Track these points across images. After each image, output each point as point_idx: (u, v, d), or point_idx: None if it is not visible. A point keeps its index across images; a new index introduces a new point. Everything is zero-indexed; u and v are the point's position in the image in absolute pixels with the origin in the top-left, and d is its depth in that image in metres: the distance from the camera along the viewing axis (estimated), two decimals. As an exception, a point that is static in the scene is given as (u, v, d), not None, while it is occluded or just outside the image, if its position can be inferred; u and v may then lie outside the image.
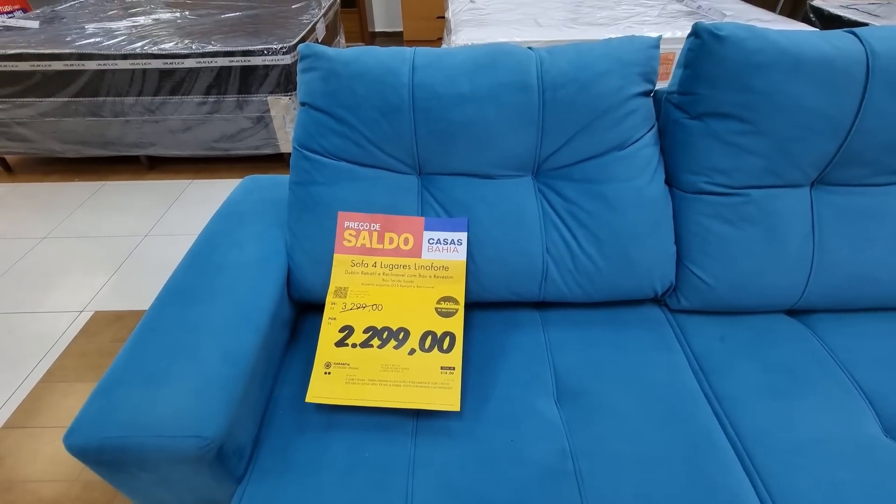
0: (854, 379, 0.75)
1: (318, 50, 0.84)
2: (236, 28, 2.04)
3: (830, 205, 0.81)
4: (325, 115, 0.83)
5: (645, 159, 0.82)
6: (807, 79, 0.71)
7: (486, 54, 0.82)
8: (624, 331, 0.83)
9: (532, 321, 0.86)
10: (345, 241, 0.82)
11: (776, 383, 0.74)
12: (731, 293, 0.82)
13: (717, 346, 0.81)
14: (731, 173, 0.78)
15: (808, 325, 0.85)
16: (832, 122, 0.73)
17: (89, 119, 1.95)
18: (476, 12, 2.14)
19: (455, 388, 0.70)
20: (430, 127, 0.81)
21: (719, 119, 0.76)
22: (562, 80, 0.79)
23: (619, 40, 0.83)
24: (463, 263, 0.81)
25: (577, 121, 0.80)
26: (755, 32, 0.72)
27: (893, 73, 0.70)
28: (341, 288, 0.80)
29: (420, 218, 0.83)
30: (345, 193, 0.83)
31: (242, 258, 0.82)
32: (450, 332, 0.75)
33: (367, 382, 0.70)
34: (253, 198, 0.99)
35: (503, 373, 0.77)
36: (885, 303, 0.84)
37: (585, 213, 0.81)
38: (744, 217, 0.79)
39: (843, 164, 0.78)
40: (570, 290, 0.84)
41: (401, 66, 0.81)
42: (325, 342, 0.74)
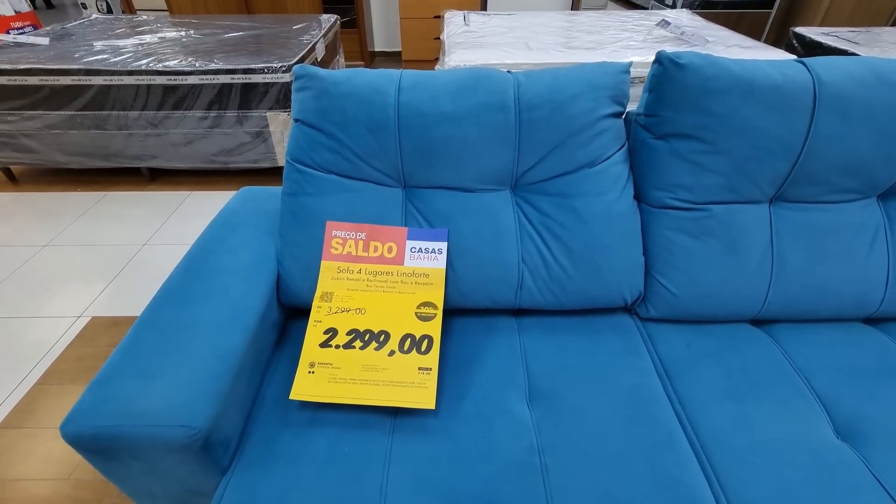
0: (810, 384, 0.79)
1: (312, 71, 0.90)
2: (239, 47, 2.12)
3: (788, 220, 0.86)
4: (317, 131, 0.89)
5: (615, 176, 0.88)
6: (759, 104, 0.77)
7: (468, 77, 0.88)
8: (595, 337, 0.88)
9: (509, 327, 0.91)
10: (332, 248, 0.87)
11: (736, 388, 0.78)
12: (696, 303, 0.87)
13: (684, 352, 0.86)
14: (693, 189, 0.84)
15: (770, 333, 0.90)
16: (784, 144, 0.79)
17: (94, 132, 2.01)
18: (469, 35, 2.24)
19: (431, 388, 0.74)
20: (414, 143, 0.86)
21: (681, 139, 0.82)
22: (537, 102, 0.86)
23: (592, 66, 0.90)
24: (442, 271, 0.85)
25: (551, 139, 0.86)
26: (712, 60, 0.79)
27: (838, 100, 0.77)
28: (327, 293, 0.84)
29: (403, 228, 0.88)
30: (333, 204, 0.89)
31: (235, 263, 0.87)
32: (428, 335, 0.79)
33: (349, 381, 0.75)
34: (247, 208, 1.04)
35: (479, 374, 0.81)
36: (841, 313, 0.89)
37: (559, 226, 0.87)
38: (706, 231, 0.84)
39: (798, 183, 0.83)
40: (545, 298, 0.88)
41: (388, 87, 0.87)
42: (311, 343, 0.78)
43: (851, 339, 0.87)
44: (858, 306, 0.88)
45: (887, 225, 0.87)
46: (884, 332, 0.90)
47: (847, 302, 0.87)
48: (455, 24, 2.48)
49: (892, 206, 0.88)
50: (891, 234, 0.87)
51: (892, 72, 0.77)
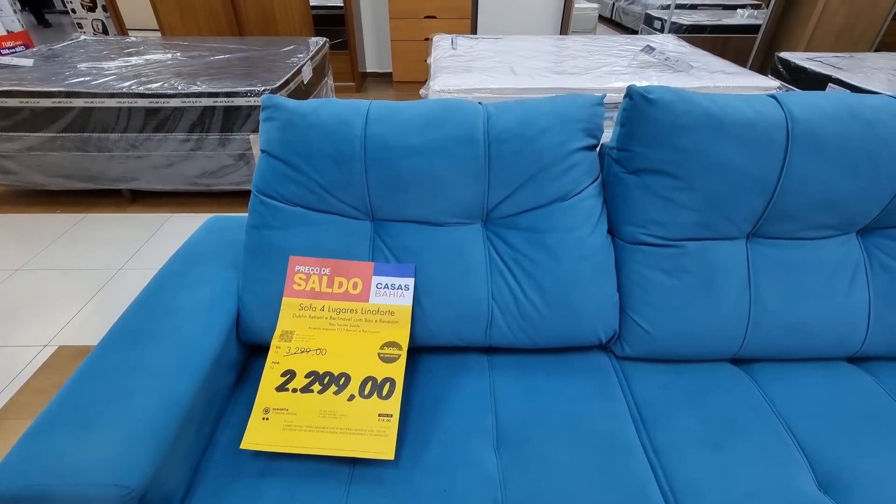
0: (791, 431, 0.76)
1: (279, 101, 0.88)
2: (224, 70, 2.12)
3: (765, 257, 0.84)
4: (282, 163, 0.86)
5: (587, 210, 0.85)
6: (731, 140, 0.75)
7: (437, 109, 0.86)
8: (569, 378, 0.84)
9: (479, 366, 0.87)
10: (295, 284, 0.83)
11: (714, 434, 0.75)
12: (672, 342, 0.84)
13: (660, 394, 0.82)
14: (667, 226, 0.81)
15: (750, 374, 0.86)
16: (758, 181, 0.77)
17: (75, 153, 1.99)
18: (456, 59, 2.24)
19: (391, 436, 0.70)
20: (382, 176, 0.84)
21: (653, 175, 0.80)
22: (507, 135, 0.84)
23: (564, 98, 0.88)
24: (408, 309, 0.82)
25: (522, 173, 0.84)
26: (682, 96, 0.77)
27: (811, 137, 0.75)
28: (287, 332, 0.81)
29: (370, 263, 0.85)
30: (298, 238, 0.86)
31: (192, 300, 0.83)
32: (390, 378, 0.75)
33: (305, 429, 0.70)
34: (213, 238, 1.01)
35: (445, 419, 0.77)
36: (822, 353, 0.86)
37: (530, 262, 0.84)
38: (681, 268, 0.82)
39: (774, 220, 0.81)
40: (516, 336, 0.85)
41: (355, 119, 0.85)
42: (266, 387, 0.75)
43: (834, 381, 0.84)
44: (840, 346, 0.85)
45: (867, 262, 0.85)
46: (868, 372, 0.87)
47: (828, 342, 0.84)
48: (442, 47, 2.50)
49: (871, 243, 0.85)
50: (871, 272, 0.84)
51: (865, 108, 0.76)
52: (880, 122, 0.75)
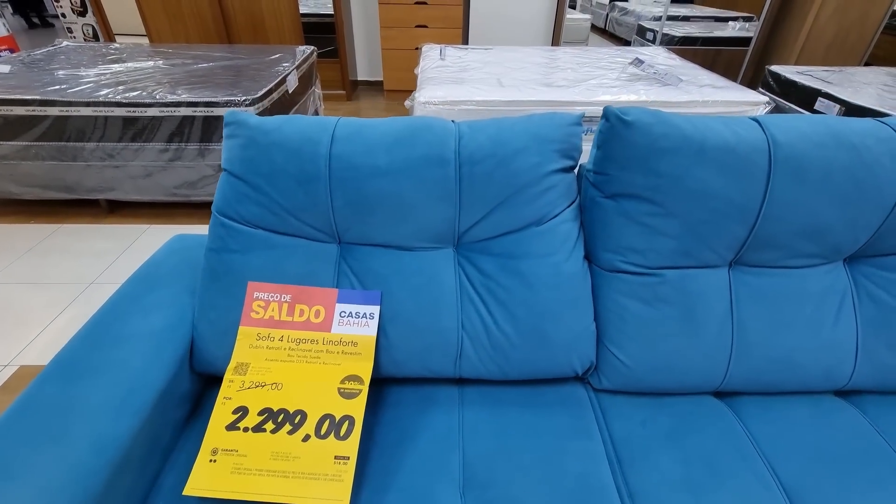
0: (775, 473, 0.72)
1: (241, 117, 0.84)
2: (205, 78, 2.07)
3: (748, 286, 0.80)
4: (243, 183, 0.82)
5: (563, 235, 0.81)
6: (711, 165, 0.72)
7: (407, 128, 0.82)
8: (543, 412, 0.80)
9: (449, 399, 0.83)
10: (252, 312, 0.79)
11: (693, 477, 0.70)
12: (651, 375, 0.80)
13: (638, 431, 0.78)
14: (645, 253, 0.77)
15: (734, 409, 0.82)
16: (739, 208, 0.73)
17: (49, 163, 1.94)
18: (443, 70, 2.21)
19: (347, 482, 0.65)
20: (347, 198, 0.80)
21: (631, 200, 0.77)
22: (479, 156, 0.80)
23: (540, 116, 0.84)
24: (373, 339, 0.78)
25: (495, 195, 0.80)
26: (661, 118, 0.73)
27: (795, 162, 0.71)
28: (242, 364, 0.76)
29: (333, 290, 0.81)
30: (258, 262, 0.81)
31: (143, 328, 0.78)
32: (350, 416, 0.70)
33: (255, 473, 0.65)
34: (174, 259, 0.96)
35: (409, 458, 0.72)
36: (809, 386, 0.82)
37: (502, 289, 0.80)
38: (660, 297, 0.78)
39: (758, 248, 0.77)
40: (487, 368, 0.81)
41: (321, 137, 0.81)
42: (216, 425, 0.69)
43: (822, 417, 0.80)
44: (827, 379, 0.81)
45: (854, 291, 0.81)
46: (856, 406, 0.83)
47: (814, 375, 0.80)
48: (431, 58, 2.47)
49: (858, 271, 0.82)
50: (858, 302, 0.80)
51: (850, 133, 0.72)
52: (865, 148, 0.72)
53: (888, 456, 0.74)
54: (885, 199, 0.74)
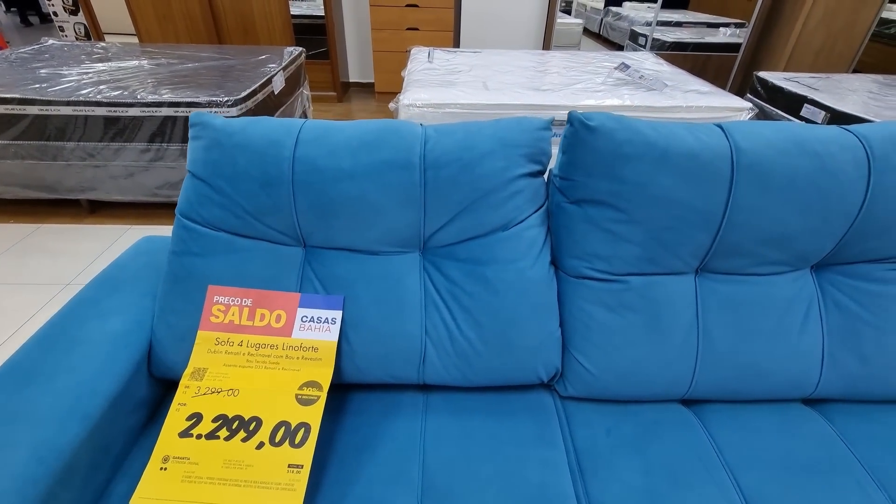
0: (737, 483, 0.71)
1: (205, 119, 0.83)
2: (189, 79, 2.06)
3: (715, 293, 0.79)
4: (206, 185, 0.80)
5: (529, 241, 0.80)
6: (674, 172, 0.71)
7: (373, 131, 0.81)
8: (507, 420, 0.79)
9: (413, 406, 0.81)
10: (212, 316, 0.77)
11: (655, 486, 0.69)
12: (617, 382, 0.79)
13: (602, 440, 0.77)
14: (610, 260, 0.77)
15: (700, 416, 0.81)
16: (703, 215, 0.73)
17: (29, 162, 1.91)
18: (429, 73, 2.21)
19: (299, 491, 0.63)
20: (311, 201, 0.79)
21: (595, 206, 0.76)
22: (444, 160, 0.79)
23: (508, 121, 0.83)
24: (333, 345, 0.76)
25: (460, 200, 0.79)
26: (624, 124, 0.73)
27: (758, 169, 0.71)
28: (200, 369, 0.74)
29: (295, 294, 0.79)
30: (220, 265, 0.80)
31: (100, 332, 0.76)
32: (306, 423, 0.69)
33: (205, 481, 0.64)
34: (140, 262, 0.94)
35: (368, 467, 0.71)
36: (776, 394, 0.81)
37: (466, 295, 0.79)
38: (624, 304, 0.77)
39: (723, 255, 0.77)
40: (450, 375, 0.79)
41: (285, 139, 0.80)
42: (169, 432, 0.68)
43: (788, 425, 0.80)
44: (794, 387, 0.80)
45: (821, 299, 0.80)
46: (823, 415, 0.82)
47: (781, 383, 0.80)
48: (419, 60, 2.46)
49: (825, 279, 0.81)
50: (825, 309, 0.80)
51: (813, 140, 0.72)
52: (829, 156, 0.71)
53: (852, 466, 0.73)
54: (849, 207, 0.73)
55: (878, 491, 0.70)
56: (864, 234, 0.76)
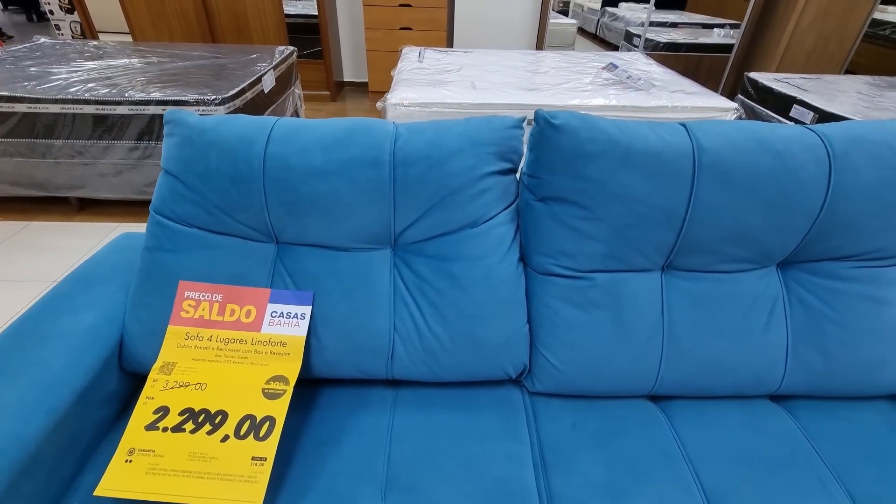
0: (698, 477, 0.72)
1: (179, 116, 0.84)
2: (178, 77, 2.06)
3: (680, 290, 0.80)
4: (179, 182, 0.81)
5: (498, 238, 0.81)
6: (637, 170, 0.72)
7: (344, 129, 0.82)
8: (474, 415, 0.80)
9: (382, 401, 0.82)
10: (182, 311, 0.78)
11: (616, 480, 0.70)
12: (583, 378, 0.80)
13: (567, 434, 0.77)
14: (575, 257, 0.78)
15: (666, 412, 0.82)
16: (666, 213, 0.74)
17: (18, 159, 1.92)
18: (418, 72, 2.22)
19: (262, 483, 0.64)
20: (282, 198, 0.79)
21: (560, 203, 0.77)
22: (414, 158, 0.79)
23: (479, 120, 0.84)
24: (302, 340, 0.77)
25: (429, 197, 0.80)
26: (588, 122, 0.74)
27: (719, 167, 0.72)
28: (168, 363, 0.75)
29: (266, 290, 0.80)
30: (192, 261, 0.81)
31: (72, 327, 0.77)
32: (271, 416, 0.70)
33: (170, 473, 0.65)
34: (116, 258, 0.95)
35: (334, 461, 0.72)
36: (741, 391, 0.82)
37: (435, 291, 0.80)
38: (590, 301, 0.78)
39: (687, 252, 0.78)
40: (418, 370, 0.80)
41: (257, 137, 0.81)
42: (135, 425, 0.69)
43: (752, 421, 0.80)
44: (758, 384, 0.81)
45: (786, 296, 0.81)
46: (789, 411, 0.83)
47: (746, 379, 0.80)
48: (409, 59, 2.47)
49: (790, 277, 0.82)
50: (789, 307, 0.81)
51: (775, 139, 0.73)
52: (791, 155, 0.72)
53: (813, 461, 0.74)
54: (811, 205, 0.74)
55: (837, 486, 0.71)
56: (827, 232, 0.77)
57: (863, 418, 0.82)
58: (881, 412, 0.83)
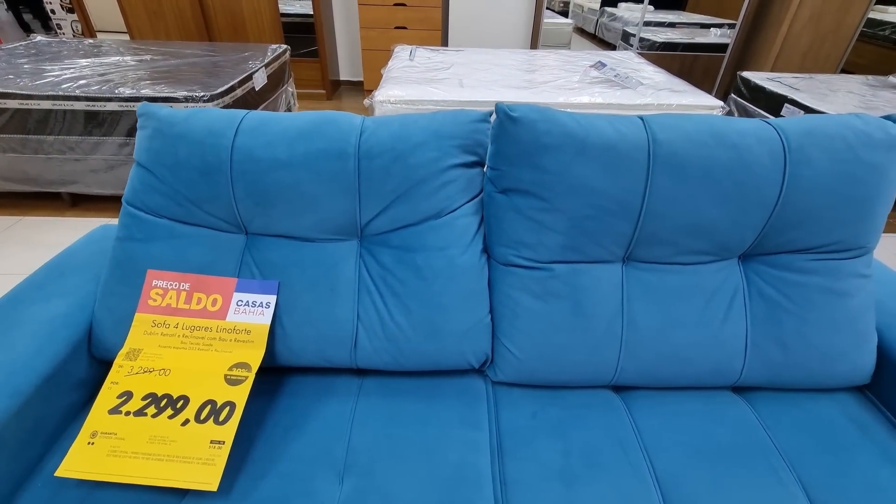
0: (652, 465, 0.73)
1: (151, 110, 0.85)
2: (169, 75, 2.09)
3: (640, 282, 0.81)
4: (149, 174, 0.83)
5: (461, 229, 0.83)
6: (592, 162, 0.73)
7: (311, 122, 0.84)
8: (436, 403, 0.81)
9: (348, 389, 0.84)
10: (150, 300, 0.80)
11: (571, 467, 0.71)
12: (543, 368, 0.81)
13: (527, 423, 0.79)
14: (535, 248, 0.79)
15: (627, 403, 0.83)
16: (622, 204, 0.75)
17: (10, 155, 1.95)
18: (408, 70, 2.23)
19: (219, 465, 0.66)
20: (248, 189, 0.81)
21: (520, 195, 0.78)
22: (378, 150, 0.81)
23: (445, 114, 0.86)
24: (266, 328, 0.79)
25: (393, 189, 0.81)
26: (546, 115, 0.75)
27: (674, 160, 0.73)
28: (134, 350, 0.77)
29: (232, 279, 0.82)
30: (161, 251, 0.82)
31: (42, 313, 0.79)
32: (231, 401, 0.71)
33: (130, 455, 0.66)
34: (92, 248, 0.97)
35: (295, 446, 0.74)
36: (701, 382, 0.83)
37: (398, 282, 0.81)
38: (550, 291, 0.79)
39: (646, 244, 0.79)
40: (381, 359, 0.82)
41: (225, 130, 0.82)
42: (99, 408, 0.71)
43: (712, 412, 0.81)
44: (718, 375, 0.82)
45: (746, 289, 0.82)
46: (749, 403, 0.84)
47: (704, 370, 0.81)
48: (400, 58, 2.49)
49: (751, 269, 0.83)
50: (749, 299, 0.82)
51: (731, 132, 0.74)
52: (746, 148, 0.73)
53: (768, 450, 0.75)
54: (766, 198, 0.75)
55: (789, 473, 0.72)
56: (785, 225, 0.78)
57: (822, 410, 0.83)
58: (841, 404, 0.84)
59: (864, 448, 0.76)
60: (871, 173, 0.75)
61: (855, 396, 0.85)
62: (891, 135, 0.76)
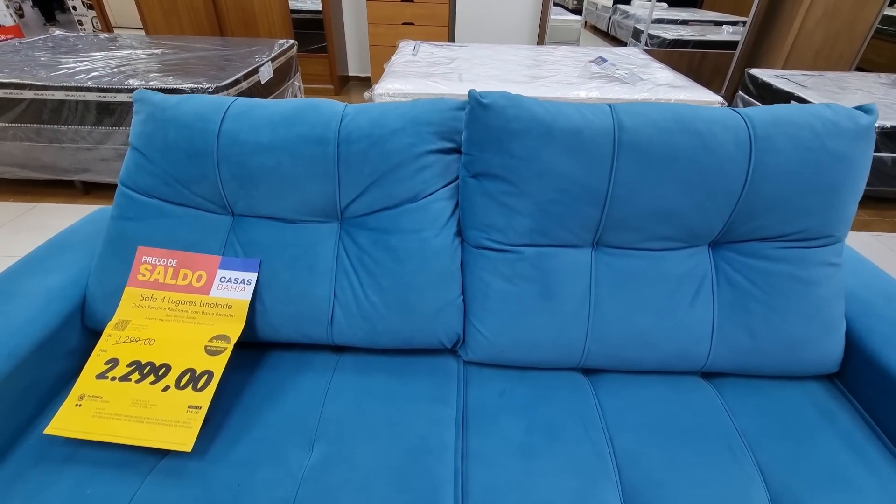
0: (612, 443, 0.75)
1: (145, 96, 0.90)
2: (178, 68, 2.15)
3: (609, 266, 0.83)
4: (141, 156, 0.88)
5: (436, 212, 0.85)
6: (558, 147, 0.75)
7: (294, 108, 0.87)
8: (408, 380, 0.84)
9: (325, 365, 0.87)
10: (139, 274, 0.84)
11: (532, 443, 0.74)
12: (512, 348, 0.83)
13: (494, 401, 0.81)
14: (505, 231, 0.81)
15: (594, 384, 0.85)
16: (588, 189, 0.77)
17: (26, 143, 2.03)
18: (410, 64, 2.26)
19: (194, 428, 0.70)
20: (233, 172, 0.85)
21: (490, 179, 0.80)
22: (357, 135, 0.84)
23: (422, 102, 0.89)
24: (246, 303, 0.83)
25: (371, 173, 0.85)
26: (514, 101, 0.77)
27: (638, 145, 0.75)
28: (123, 321, 0.82)
29: (217, 256, 0.86)
30: (151, 229, 0.87)
31: (39, 286, 0.84)
32: (210, 370, 0.75)
33: (113, 417, 0.71)
34: (90, 228, 1.02)
35: (270, 415, 0.77)
36: (668, 366, 0.85)
37: (373, 262, 0.84)
38: (518, 274, 0.81)
39: (614, 229, 0.81)
40: (356, 336, 0.85)
41: (213, 115, 0.87)
42: (88, 373, 0.75)
43: (677, 396, 0.83)
44: (683, 359, 0.84)
45: (714, 275, 0.84)
46: (717, 388, 0.85)
47: (670, 354, 0.83)
48: (404, 53, 2.52)
49: (720, 256, 0.84)
50: (717, 286, 0.83)
51: (696, 119, 0.75)
52: (710, 134, 0.75)
53: (728, 431, 0.76)
54: (732, 185, 0.76)
55: (747, 454, 0.73)
56: (752, 213, 0.79)
57: (789, 396, 0.83)
58: (809, 391, 0.84)
59: (825, 434, 0.76)
60: (837, 162, 0.76)
61: (823, 385, 0.86)
62: (859, 124, 0.77)
